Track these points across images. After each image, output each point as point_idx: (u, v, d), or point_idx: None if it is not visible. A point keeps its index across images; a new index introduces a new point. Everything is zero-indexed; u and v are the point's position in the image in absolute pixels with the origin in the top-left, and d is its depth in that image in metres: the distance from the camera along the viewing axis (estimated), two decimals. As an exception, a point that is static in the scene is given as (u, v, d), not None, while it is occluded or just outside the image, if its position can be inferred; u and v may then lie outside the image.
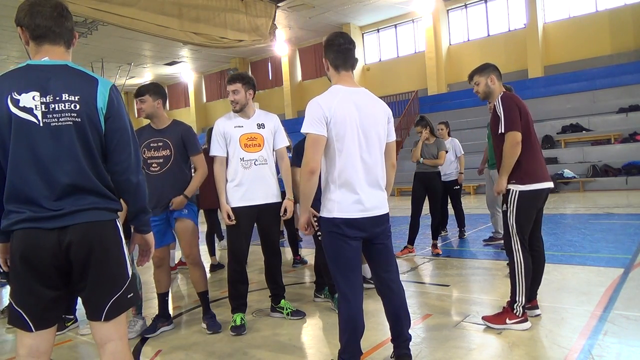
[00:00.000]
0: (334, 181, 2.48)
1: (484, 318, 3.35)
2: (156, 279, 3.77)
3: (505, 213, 3.34)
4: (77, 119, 1.80)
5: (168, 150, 3.56)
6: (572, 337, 3.03)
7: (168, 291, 3.84)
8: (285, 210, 3.69)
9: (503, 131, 3.22)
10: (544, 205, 3.45)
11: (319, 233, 2.87)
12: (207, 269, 6.17)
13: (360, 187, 2.47)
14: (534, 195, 3.27)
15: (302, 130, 2.46)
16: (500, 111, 3.26)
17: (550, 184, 3.35)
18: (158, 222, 3.56)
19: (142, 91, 3.60)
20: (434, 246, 6.03)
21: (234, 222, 3.55)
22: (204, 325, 3.68)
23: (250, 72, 21.81)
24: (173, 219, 3.63)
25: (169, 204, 3.56)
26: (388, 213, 2.63)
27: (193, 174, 3.76)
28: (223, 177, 3.62)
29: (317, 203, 2.60)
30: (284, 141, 3.79)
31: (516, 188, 3.27)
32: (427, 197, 6.04)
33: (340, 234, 2.46)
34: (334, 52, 2.57)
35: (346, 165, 2.46)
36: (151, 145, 3.59)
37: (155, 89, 3.63)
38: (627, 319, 3.27)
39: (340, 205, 2.46)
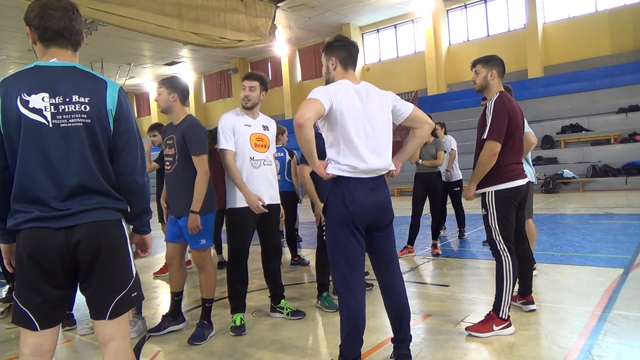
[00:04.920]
0: (339, 170, 2.50)
1: (468, 329, 3.24)
2: (169, 277, 3.80)
3: (485, 217, 3.32)
4: (87, 120, 1.82)
5: (174, 149, 3.45)
6: (572, 337, 3.04)
7: (181, 291, 3.75)
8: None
9: (485, 138, 3.19)
10: (524, 204, 3.45)
11: (324, 233, 2.87)
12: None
13: (364, 166, 2.50)
14: (510, 193, 3.26)
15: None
16: (489, 116, 3.20)
17: (524, 181, 3.33)
18: (172, 223, 3.58)
19: (159, 83, 3.50)
20: (434, 246, 6.03)
21: (265, 210, 3.52)
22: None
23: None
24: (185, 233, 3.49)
25: (183, 210, 3.41)
26: (392, 206, 2.65)
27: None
28: (237, 170, 3.52)
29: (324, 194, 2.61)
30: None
31: (491, 189, 3.25)
32: (427, 197, 6.05)
33: (345, 224, 2.46)
34: (347, 51, 2.67)
35: (350, 153, 2.48)
36: (167, 142, 3.52)
37: (172, 83, 3.47)
38: (627, 319, 3.27)
39: (345, 163, 2.48)
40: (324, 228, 2.80)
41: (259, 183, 3.60)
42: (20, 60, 20.04)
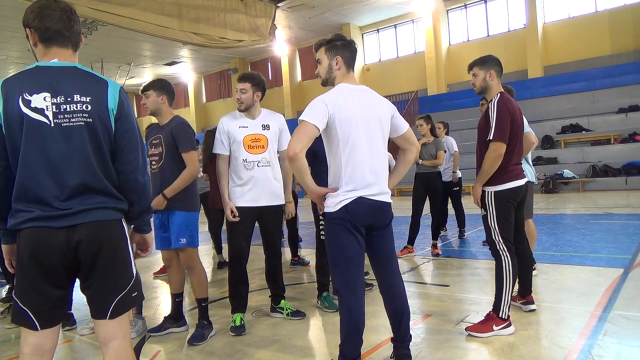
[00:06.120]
0: (340, 177, 2.51)
1: (468, 329, 3.24)
2: (168, 278, 3.78)
3: (485, 217, 3.32)
4: (89, 120, 1.83)
5: (160, 148, 3.47)
6: (572, 337, 3.04)
7: (181, 292, 3.73)
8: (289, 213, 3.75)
9: (491, 139, 3.19)
10: (523, 203, 3.45)
11: (322, 233, 2.87)
12: (210, 270, 6.18)
13: (365, 182, 2.50)
14: (510, 193, 3.26)
15: (299, 118, 2.47)
16: (493, 117, 3.19)
17: (523, 181, 3.33)
18: (157, 224, 3.56)
19: (146, 87, 3.53)
20: (434, 246, 6.03)
21: (237, 219, 3.55)
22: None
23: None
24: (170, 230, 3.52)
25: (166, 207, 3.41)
26: (391, 207, 2.66)
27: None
28: (226, 174, 3.62)
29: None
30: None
31: (491, 189, 3.25)
32: (427, 197, 6.05)
33: (344, 225, 2.46)
34: (350, 52, 2.67)
35: (351, 161, 2.49)
36: (152, 142, 3.54)
37: (159, 85, 3.51)
38: (627, 319, 3.27)
39: (345, 196, 2.48)
40: (321, 227, 2.80)
41: (254, 185, 3.57)
42: (20, 60, 20.04)
